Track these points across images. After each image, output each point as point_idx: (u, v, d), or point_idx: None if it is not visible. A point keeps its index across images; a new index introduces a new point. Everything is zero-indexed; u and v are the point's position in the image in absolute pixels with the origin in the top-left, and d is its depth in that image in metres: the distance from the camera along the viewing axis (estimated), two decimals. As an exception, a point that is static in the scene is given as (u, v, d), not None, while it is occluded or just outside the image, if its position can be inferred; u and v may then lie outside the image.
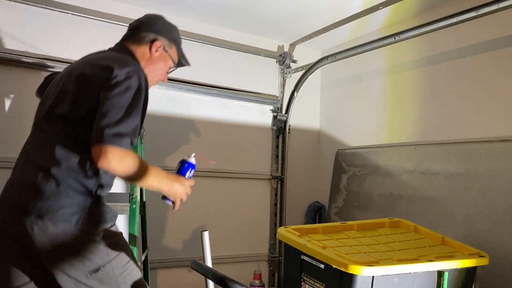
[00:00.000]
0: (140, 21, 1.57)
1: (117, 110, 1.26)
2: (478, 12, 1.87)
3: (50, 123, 1.38)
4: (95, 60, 1.41)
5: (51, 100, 1.40)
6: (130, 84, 1.30)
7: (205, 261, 1.73)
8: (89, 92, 1.31)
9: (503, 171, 1.90)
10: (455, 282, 1.49)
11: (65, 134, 1.33)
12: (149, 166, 1.36)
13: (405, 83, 2.56)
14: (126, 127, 1.26)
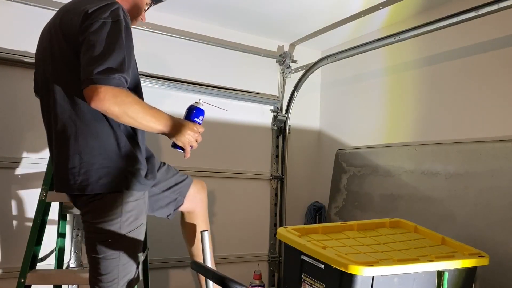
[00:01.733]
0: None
1: (99, 47, 1.19)
2: (478, 12, 1.87)
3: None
4: (68, 8, 1.37)
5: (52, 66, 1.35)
6: (106, 19, 1.24)
7: (205, 261, 1.72)
8: (75, 41, 1.26)
9: (503, 171, 1.90)
10: (455, 282, 1.49)
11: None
12: (149, 106, 1.32)
13: (405, 83, 2.56)
14: (112, 62, 1.19)
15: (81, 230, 2.33)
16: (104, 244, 1.32)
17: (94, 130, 1.30)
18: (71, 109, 1.31)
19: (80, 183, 1.31)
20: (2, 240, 2.17)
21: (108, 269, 1.34)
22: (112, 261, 1.33)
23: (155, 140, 2.58)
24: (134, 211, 1.37)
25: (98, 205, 1.32)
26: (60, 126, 1.32)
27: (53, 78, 1.34)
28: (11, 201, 2.21)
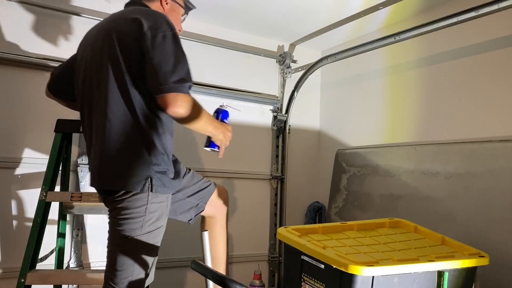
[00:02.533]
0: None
1: (169, 59, 1.34)
2: (478, 12, 1.87)
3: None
4: (117, 19, 1.47)
5: (99, 70, 1.43)
6: (165, 31, 1.38)
7: (205, 261, 1.72)
8: (131, 48, 1.38)
9: (503, 171, 1.90)
10: (455, 282, 1.49)
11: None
12: (204, 109, 1.49)
13: (405, 83, 2.56)
14: (183, 72, 1.35)
15: (81, 230, 2.34)
16: (124, 239, 1.40)
17: (133, 134, 1.40)
18: (118, 114, 1.40)
19: (116, 180, 1.41)
20: (2, 240, 2.17)
21: (124, 265, 1.40)
22: (128, 258, 1.41)
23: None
24: (156, 212, 1.44)
25: (126, 203, 1.40)
26: (108, 127, 1.40)
27: (104, 84, 1.41)
28: (11, 201, 2.21)
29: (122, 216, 1.41)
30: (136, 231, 1.40)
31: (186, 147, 2.71)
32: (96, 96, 1.45)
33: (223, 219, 1.88)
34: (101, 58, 1.43)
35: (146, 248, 1.44)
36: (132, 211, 1.40)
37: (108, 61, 1.41)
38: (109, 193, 1.45)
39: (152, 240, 1.45)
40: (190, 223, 1.80)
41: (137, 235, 1.40)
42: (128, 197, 1.40)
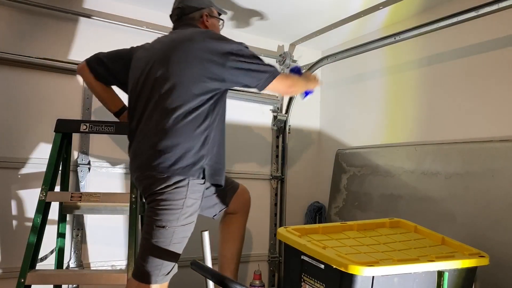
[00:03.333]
0: (179, 7, 1.83)
1: (253, 63, 1.65)
2: (478, 12, 1.87)
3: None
4: (175, 39, 1.69)
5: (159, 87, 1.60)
6: (231, 42, 1.72)
7: (205, 261, 1.72)
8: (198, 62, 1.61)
9: (503, 171, 1.90)
10: (455, 282, 1.49)
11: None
12: (295, 76, 1.90)
13: (405, 83, 2.56)
14: (268, 66, 1.69)
15: (81, 230, 2.34)
16: (160, 230, 1.52)
17: (185, 131, 1.57)
18: (174, 112, 1.56)
19: (164, 169, 1.54)
20: (2, 240, 2.17)
21: (157, 253, 1.52)
22: (162, 247, 1.53)
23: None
24: (192, 207, 1.59)
25: (166, 195, 1.53)
26: (162, 122, 1.56)
27: (166, 92, 1.58)
28: (11, 201, 2.21)
29: (161, 207, 1.53)
30: (172, 222, 1.53)
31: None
32: (157, 94, 1.59)
33: (243, 218, 2.02)
34: (165, 70, 1.60)
35: (178, 240, 1.56)
36: (171, 203, 1.53)
37: (171, 73, 1.60)
38: (151, 184, 1.55)
39: (183, 233, 1.58)
40: (214, 218, 1.96)
41: (172, 226, 1.53)
42: (169, 190, 1.53)
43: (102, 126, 1.88)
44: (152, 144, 1.57)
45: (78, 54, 2.38)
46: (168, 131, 1.55)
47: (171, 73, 1.59)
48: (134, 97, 1.70)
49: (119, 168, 2.47)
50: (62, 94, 2.35)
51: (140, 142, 1.63)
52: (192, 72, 1.58)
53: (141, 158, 1.61)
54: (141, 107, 1.64)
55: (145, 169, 1.59)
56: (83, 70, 1.84)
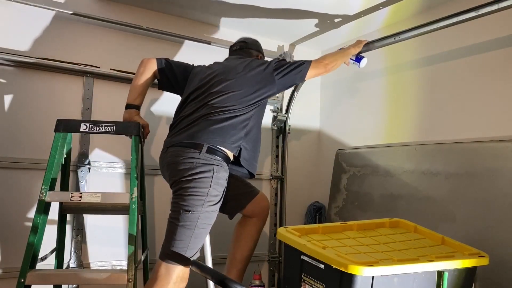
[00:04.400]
0: (245, 42, 2.25)
1: (293, 64, 1.98)
2: (478, 12, 1.87)
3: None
4: (233, 62, 2.04)
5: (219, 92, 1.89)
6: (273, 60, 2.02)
7: (205, 261, 1.72)
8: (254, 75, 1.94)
9: (503, 171, 1.90)
10: (455, 282, 1.49)
11: None
12: (332, 54, 2.14)
13: (405, 83, 2.56)
14: (305, 62, 2.00)
15: (81, 230, 2.34)
16: (186, 214, 1.66)
17: (223, 123, 1.82)
18: (220, 109, 1.84)
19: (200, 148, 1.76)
20: (2, 240, 2.17)
21: (182, 236, 1.66)
22: (188, 230, 1.66)
23: (155, 143, 2.59)
24: (216, 197, 1.73)
25: (194, 183, 1.69)
26: (211, 115, 1.83)
27: (219, 93, 1.87)
28: (11, 201, 2.21)
29: (188, 193, 1.68)
30: (198, 207, 1.66)
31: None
32: (211, 99, 1.87)
33: (259, 223, 2.12)
34: (226, 78, 1.91)
35: (203, 226, 1.69)
36: (198, 190, 1.68)
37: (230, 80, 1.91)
38: (181, 171, 1.72)
39: (207, 220, 1.70)
40: (230, 218, 2.09)
41: (198, 211, 1.66)
42: (197, 178, 1.69)
43: (102, 126, 1.88)
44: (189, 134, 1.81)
45: (82, 53, 2.39)
46: (209, 125, 1.80)
47: (229, 84, 1.89)
48: (188, 98, 1.95)
49: (119, 168, 2.47)
50: (62, 94, 2.35)
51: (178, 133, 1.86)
52: (248, 85, 1.91)
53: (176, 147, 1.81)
54: (193, 107, 1.89)
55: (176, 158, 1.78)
56: (150, 61, 2.04)
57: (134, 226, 1.76)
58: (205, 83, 1.95)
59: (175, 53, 2.73)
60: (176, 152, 1.79)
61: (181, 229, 1.66)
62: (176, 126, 1.91)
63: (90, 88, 2.41)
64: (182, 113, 1.92)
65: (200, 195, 1.68)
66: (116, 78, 2.48)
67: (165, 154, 1.87)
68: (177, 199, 1.71)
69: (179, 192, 1.71)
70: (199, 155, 1.74)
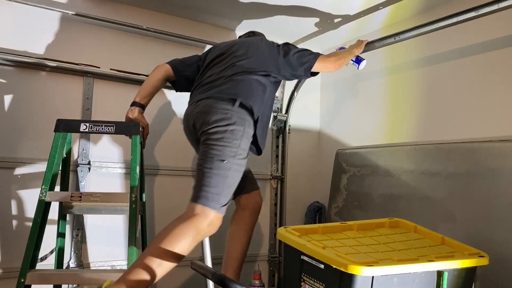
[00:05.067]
0: (253, 32, 2.37)
1: (302, 51, 2.06)
2: (478, 12, 1.87)
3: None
4: (252, 40, 2.13)
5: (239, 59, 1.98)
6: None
7: (205, 261, 1.72)
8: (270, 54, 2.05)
9: (503, 171, 1.90)
10: (455, 282, 1.49)
11: None
12: (339, 53, 2.16)
13: (405, 83, 2.56)
14: (313, 52, 2.07)
15: (81, 230, 2.34)
16: (221, 163, 1.70)
17: (251, 84, 1.92)
18: (248, 76, 1.93)
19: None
20: (2, 240, 2.17)
21: (217, 184, 1.67)
22: (222, 178, 1.69)
23: (155, 143, 2.59)
24: (245, 151, 1.81)
25: (228, 134, 1.74)
26: (239, 74, 1.92)
27: (243, 56, 1.99)
28: (11, 201, 2.21)
29: (222, 144, 1.72)
30: (231, 159, 1.71)
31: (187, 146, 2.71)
32: (236, 66, 1.95)
33: (252, 217, 2.16)
34: (247, 50, 2.01)
35: (235, 176, 1.74)
36: (230, 141, 1.73)
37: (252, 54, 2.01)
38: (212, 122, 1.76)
39: (238, 172, 1.75)
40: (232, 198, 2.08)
41: (230, 162, 1.71)
42: (230, 129, 1.74)
43: (102, 126, 1.88)
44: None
45: (82, 53, 2.39)
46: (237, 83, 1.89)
47: (249, 50, 2.01)
48: (210, 64, 2.03)
49: (119, 168, 2.47)
50: (62, 94, 2.35)
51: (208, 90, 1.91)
52: (265, 53, 2.02)
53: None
54: (219, 68, 1.96)
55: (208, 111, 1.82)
56: (164, 65, 2.12)
57: (134, 226, 1.76)
58: (227, 49, 2.03)
59: (175, 54, 2.72)
60: (209, 103, 1.82)
61: (216, 177, 1.67)
62: (203, 86, 1.94)
63: (90, 88, 2.41)
64: (206, 76, 1.98)
65: (232, 147, 1.73)
66: (116, 78, 2.48)
67: (194, 106, 1.89)
68: (210, 148, 1.73)
69: (211, 141, 1.74)
70: (233, 107, 1.79)
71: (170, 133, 2.67)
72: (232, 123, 1.76)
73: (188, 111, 1.95)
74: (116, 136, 2.44)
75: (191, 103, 1.96)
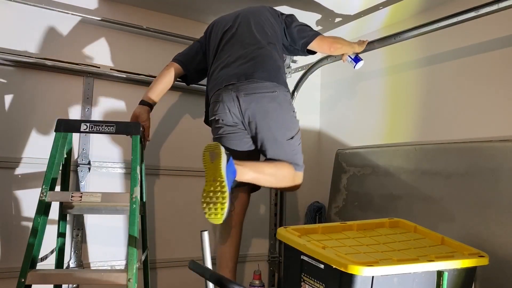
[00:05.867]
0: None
1: (306, 26, 2.11)
2: (478, 12, 1.87)
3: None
4: (257, 9, 2.16)
5: (250, 30, 2.05)
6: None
7: (205, 262, 1.72)
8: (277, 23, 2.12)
9: (503, 171, 1.90)
10: (455, 282, 1.49)
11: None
12: (336, 38, 2.14)
13: (405, 83, 2.56)
14: (313, 29, 2.12)
15: (81, 230, 2.34)
16: (297, 135, 2.03)
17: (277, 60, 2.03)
18: (269, 48, 2.02)
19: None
20: (2, 240, 2.17)
21: (293, 147, 2.01)
22: (299, 146, 2.06)
23: (155, 142, 2.59)
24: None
25: (286, 108, 1.97)
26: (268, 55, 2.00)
27: (262, 35, 2.03)
28: (11, 201, 2.21)
29: (290, 117, 2.00)
30: (297, 127, 2.05)
31: (187, 147, 2.71)
32: (256, 39, 2.02)
33: (241, 214, 2.12)
34: (256, 23, 2.07)
35: (300, 144, 2.09)
36: (292, 113, 2.02)
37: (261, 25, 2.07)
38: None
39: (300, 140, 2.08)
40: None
41: (298, 131, 2.05)
42: (286, 104, 2.00)
43: (102, 126, 1.88)
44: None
45: (82, 53, 2.39)
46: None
47: (261, 19, 2.07)
48: (220, 45, 2.07)
49: (119, 168, 2.47)
50: (62, 94, 2.35)
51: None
52: (270, 24, 2.08)
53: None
54: (238, 44, 2.01)
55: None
56: (172, 63, 2.16)
57: (134, 227, 1.76)
58: (233, 24, 2.07)
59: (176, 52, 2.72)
60: (253, 84, 1.89)
61: (290, 143, 1.98)
62: (228, 66, 1.96)
63: (90, 88, 2.41)
64: (226, 55, 2.00)
65: (295, 117, 2.03)
66: (116, 78, 2.48)
67: (231, 89, 1.92)
68: (281, 125, 1.94)
69: (278, 119, 1.92)
70: (278, 85, 1.92)
71: (171, 133, 2.67)
72: (285, 100, 1.98)
73: (219, 94, 1.96)
74: (116, 136, 2.44)
75: (219, 85, 1.96)
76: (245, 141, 2.01)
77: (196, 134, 2.75)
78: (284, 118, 1.95)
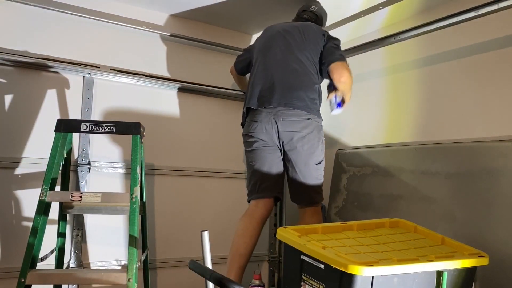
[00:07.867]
0: (316, 14, 2.42)
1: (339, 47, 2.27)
2: (478, 12, 1.87)
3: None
4: (307, 25, 2.32)
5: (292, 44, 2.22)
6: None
7: (204, 261, 1.72)
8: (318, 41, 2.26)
9: (503, 171, 1.90)
10: (454, 282, 1.49)
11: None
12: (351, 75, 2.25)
13: (405, 83, 2.56)
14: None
15: (81, 230, 2.34)
16: (322, 166, 2.21)
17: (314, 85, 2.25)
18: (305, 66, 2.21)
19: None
20: (2, 240, 2.17)
21: (319, 171, 2.20)
22: (321, 169, 2.20)
23: (154, 143, 2.59)
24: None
25: (318, 138, 2.18)
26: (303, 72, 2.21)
27: (300, 53, 2.20)
28: (11, 201, 2.21)
29: (320, 147, 2.18)
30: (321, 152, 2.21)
31: (188, 147, 2.71)
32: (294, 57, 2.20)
33: (264, 221, 2.29)
34: (300, 39, 2.23)
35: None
36: (321, 144, 2.23)
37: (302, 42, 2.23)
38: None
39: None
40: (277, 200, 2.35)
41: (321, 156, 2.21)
42: (317, 134, 2.21)
43: (102, 126, 1.88)
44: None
45: (82, 53, 2.39)
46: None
47: (305, 37, 2.21)
48: (267, 48, 2.25)
49: (119, 168, 2.47)
50: (62, 94, 2.35)
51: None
52: (315, 38, 2.23)
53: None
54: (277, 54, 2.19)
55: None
56: (232, 70, 2.56)
57: (134, 227, 1.76)
58: (281, 35, 2.23)
59: (175, 53, 2.73)
60: (291, 111, 2.09)
61: (322, 172, 2.21)
62: (268, 85, 2.14)
63: (90, 88, 2.41)
64: (268, 72, 2.17)
65: (323, 144, 2.21)
66: (116, 78, 2.49)
67: (270, 112, 2.11)
68: (313, 151, 2.12)
69: (311, 145, 2.11)
70: (313, 114, 2.13)
71: (171, 133, 2.67)
72: (316, 129, 2.21)
73: (255, 118, 2.16)
74: (116, 136, 2.45)
75: (256, 107, 2.15)
76: (277, 156, 2.18)
77: (196, 134, 2.75)
78: (315, 145, 2.13)
